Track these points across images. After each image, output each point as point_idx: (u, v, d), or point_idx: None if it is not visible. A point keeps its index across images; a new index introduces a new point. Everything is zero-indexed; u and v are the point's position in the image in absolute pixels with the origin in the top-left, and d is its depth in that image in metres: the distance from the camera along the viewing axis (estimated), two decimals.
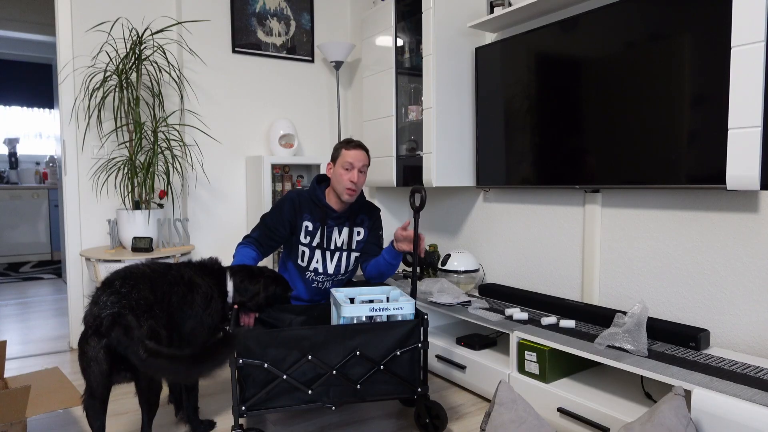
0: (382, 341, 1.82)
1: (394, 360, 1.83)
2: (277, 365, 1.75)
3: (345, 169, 2.19)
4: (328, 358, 1.78)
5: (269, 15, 3.52)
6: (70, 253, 3.04)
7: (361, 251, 2.34)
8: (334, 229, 2.27)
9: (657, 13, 1.95)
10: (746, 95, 1.67)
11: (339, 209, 2.26)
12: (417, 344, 1.85)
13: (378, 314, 1.85)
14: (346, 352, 1.80)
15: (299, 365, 1.76)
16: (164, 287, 1.73)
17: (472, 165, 2.86)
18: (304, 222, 2.24)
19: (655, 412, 1.47)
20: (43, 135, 6.75)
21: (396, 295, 2.03)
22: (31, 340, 3.20)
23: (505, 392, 1.64)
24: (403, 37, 3.04)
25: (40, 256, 6.15)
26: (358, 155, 2.21)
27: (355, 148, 2.23)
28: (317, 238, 2.25)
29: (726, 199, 1.93)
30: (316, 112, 3.76)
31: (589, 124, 2.21)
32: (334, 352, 1.79)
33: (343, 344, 1.79)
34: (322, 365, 1.78)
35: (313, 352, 1.77)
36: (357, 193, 2.22)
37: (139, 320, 1.56)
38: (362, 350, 1.80)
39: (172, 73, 3.20)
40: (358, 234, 2.31)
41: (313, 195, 2.27)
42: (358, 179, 2.19)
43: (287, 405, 1.77)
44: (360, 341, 1.80)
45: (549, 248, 2.60)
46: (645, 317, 1.89)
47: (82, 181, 3.08)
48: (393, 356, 1.83)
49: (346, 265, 2.32)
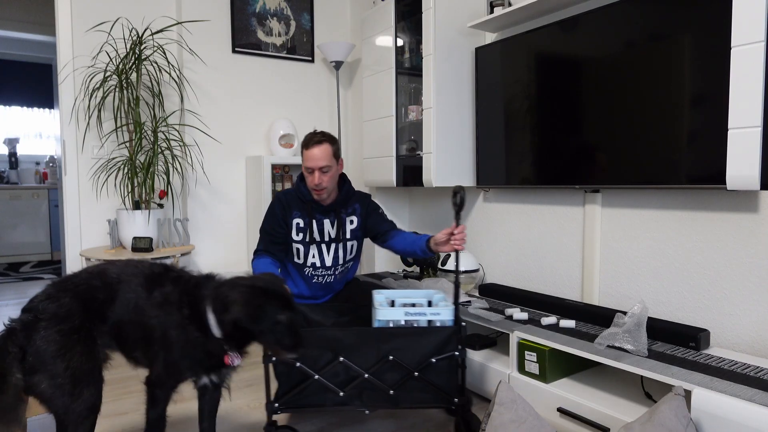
0: (416, 347, 1.74)
1: (429, 367, 1.76)
2: (309, 365, 1.73)
3: (308, 172, 2.17)
4: (360, 361, 1.74)
5: (269, 15, 3.52)
6: (70, 253, 3.04)
7: (376, 234, 2.31)
8: (325, 221, 2.26)
9: (657, 13, 1.95)
10: (746, 95, 1.67)
11: (325, 202, 2.26)
12: (454, 352, 1.77)
13: (414, 319, 1.78)
14: (379, 356, 1.74)
15: (331, 366, 1.73)
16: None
17: (472, 165, 2.86)
18: (294, 220, 2.24)
19: (655, 412, 1.47)
20: (43, 135, 6.74)
21: (438, 299, 1.95)
22: None
23: (505, 392, 1.64)
24: (403, 37, 3.04)
25: (40, 256, 6.15)
26: (315, 156, 2.14)
27: (313, 146, 2.16)
28: (308, 234, 2.25)
29: (726, 199, 1.93)
30: (316, 112, 3.75)
31: (589, 124, 2.21)
32: (367, 355, 1.74)
33: (376, 348, 1.74)
34: (354, 368, 1.74)
35: (345, 353, 1.73)
36: (327, 192, 2.19)
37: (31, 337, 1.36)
38: (395, 355, 1.74)
39: (172, 73, 3.20)
40: (351, 223, 2.30)
41: (299, 192, 2.26)
42: (321, 180, 2.14)
43: (319, 404, 1.74)
44: (393, 346, 1.74)
45: (549, 248, 2.60)
46: (645, 317, 1.89)
47: (82, 181, 3.08)
48: (428, 364, 1.75)
49: (344, 255, 2.30)
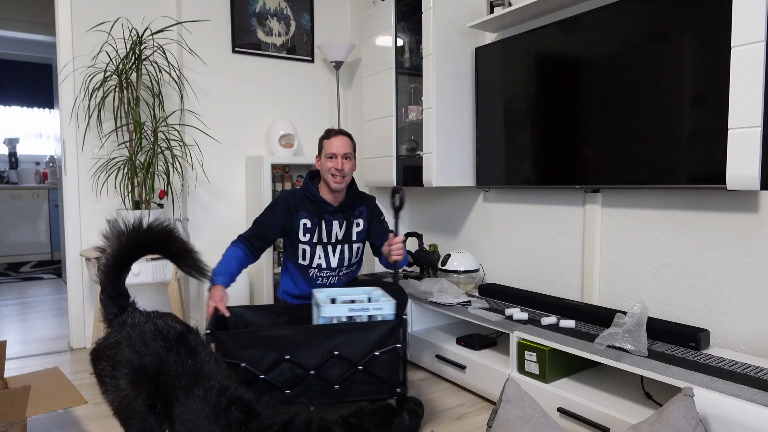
0: (360, 342, 1.80)
1: (373, 360, 1.81)
2: (254, 365, 1.74)
3: (329, 158, 2.20)
4: (306, 358, 1.77)
5: (269, 15, 3.52)
6: (70, 253, 3.04)
7: (372, 244, 2.33)
8: (333, 222, 2.26)
9: (657, 13, 1.95)
10: (746, 95, 1.67)
11: (334, 202, 2.26)
12: (396, 345, 1.83)
13: (357, 314, 1.84)
14: (324, 352, 1.78)
15: (277, 365, 1.75)
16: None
17: (472, 165, 2.86)
18: (301, 220, 2.23)
19: (663, 412, 1.46)
20: (43, 135, 6.75)
21: (378, 295, 2.02)
22: (31, 340, 3.20)
23: (512, 389, 1.64)
24: (403, 37, 3.04)
25: (40, 256, 6.15)
26: (340, 142, 2.20)
27: (335, 135, 2.23)
28: (316, 234, 2.25)
29: (726, 199, 1.93)
30: (316, 112, 3.75)
31: (589, 123, 2.21)
32: (312, 352, 1.77)
33: (321, 344, 1.78)
34: (300, 366, 1.76)
35: (291, 352, 1.75)
36: (346, 180, 2.22)
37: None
38: (340, 350, 1.79)
39: (172, 73, 3.20)
40: (357, 225, 2.30)
41: (307, 191, 2.26)
42: (344, 165, 2.19)
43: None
44: (338, 342, 1.79)
45: (549, 248, 2.60)
46: (645, 317, 1.89)
47: (82, 181, 3.08)
48: (372, 357, 1.81)
49: (350, 257, 2.31)
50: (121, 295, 1.56)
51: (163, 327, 1.48)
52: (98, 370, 1.47)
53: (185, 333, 1.49)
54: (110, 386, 1.42)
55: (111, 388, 1.42)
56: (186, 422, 1.38)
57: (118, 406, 1.43)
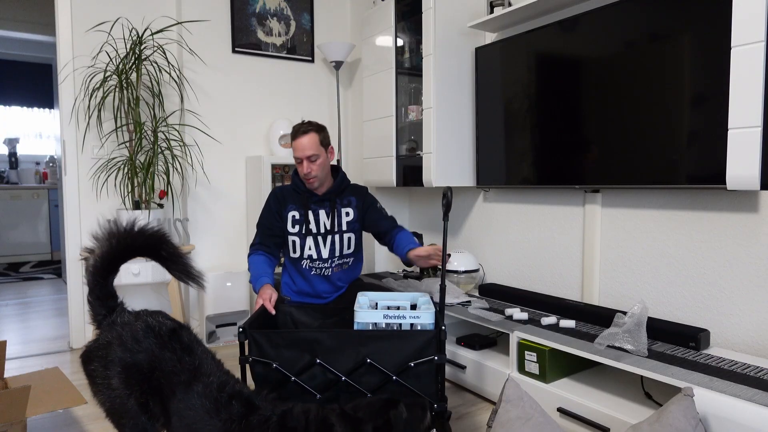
0: (394, 351, 1.69)
1: (408, 371, 1.70)
2: (287, 367, 1.70)
3: (297, 162, 2.21)
4: (338, 364, 1.70)
5: (269, 15, 3.52)
6: (70, 253, 3.04)
7: (377, 233, 2.31)
8: (320, 212, 2.26)
9: (657, 13, 1.95)
10: (746, 95, 1.67)
11: (319, 191, 2.27)
12: (433, 357, 1.70)
13: (393, 321, 1.75)
14: (358, 358, 1.69)
15: (308, 368, 1.71)
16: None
17: (472, 165, 2.86)
18: (290, 212, 2.26)
19: (663, 412, 1.46)
20: (43, 135, 6.75)
21: (423, 302, 1.91)
22: (31, 340, 3.20)
23: (512, 389, 1.64)
24: (403, 37, 3.04)
25: (40, 256, 6.15)
26: (302, 145, 2.16)
27: (299, 136, 2.18)
28: (304, 225, 2.25)
29: (726, 199, 1.93)
30: (316, 112, 3.75)
31: (589, 124, 2.21)
32: (346, 358, 1.70)
33: (354, 350, 1.69)
34: (332, 371, 1.71)
35: (323, 356, 1.70)
36: (319, 178, 2.20)
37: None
38: (374, 358, 1.69)
39: (172, 73, 3.20)
40: (347, 215, 2.29)
41: (294, 184, 2.29)
42: (310, 169, 2.17)
43: None
44: (371, 349, 1.69)
45: (549, 248, 2.60)
46: (645, 317, 1.89)
47: (82, 181, 3.08)
48: (407, 367, 1.70)
49: (341, 247, 2.29)
50: (110, 296, 1.55)
51: (154, 324, 1.47)
52: (89, 371, 1.46)
53: (177, 329, 1.49)
54: (102, 386, 1.42)
55: (103, 389, 1.42)
56: (185, 418, 1.38)
57: (110, 407, 1.43)
